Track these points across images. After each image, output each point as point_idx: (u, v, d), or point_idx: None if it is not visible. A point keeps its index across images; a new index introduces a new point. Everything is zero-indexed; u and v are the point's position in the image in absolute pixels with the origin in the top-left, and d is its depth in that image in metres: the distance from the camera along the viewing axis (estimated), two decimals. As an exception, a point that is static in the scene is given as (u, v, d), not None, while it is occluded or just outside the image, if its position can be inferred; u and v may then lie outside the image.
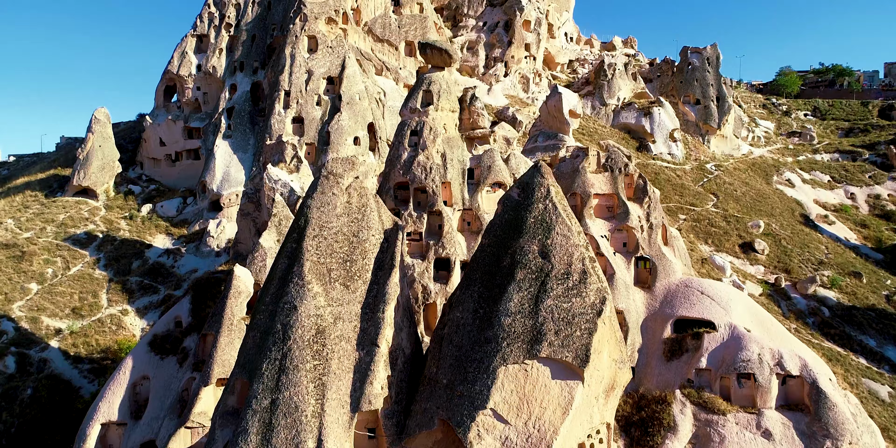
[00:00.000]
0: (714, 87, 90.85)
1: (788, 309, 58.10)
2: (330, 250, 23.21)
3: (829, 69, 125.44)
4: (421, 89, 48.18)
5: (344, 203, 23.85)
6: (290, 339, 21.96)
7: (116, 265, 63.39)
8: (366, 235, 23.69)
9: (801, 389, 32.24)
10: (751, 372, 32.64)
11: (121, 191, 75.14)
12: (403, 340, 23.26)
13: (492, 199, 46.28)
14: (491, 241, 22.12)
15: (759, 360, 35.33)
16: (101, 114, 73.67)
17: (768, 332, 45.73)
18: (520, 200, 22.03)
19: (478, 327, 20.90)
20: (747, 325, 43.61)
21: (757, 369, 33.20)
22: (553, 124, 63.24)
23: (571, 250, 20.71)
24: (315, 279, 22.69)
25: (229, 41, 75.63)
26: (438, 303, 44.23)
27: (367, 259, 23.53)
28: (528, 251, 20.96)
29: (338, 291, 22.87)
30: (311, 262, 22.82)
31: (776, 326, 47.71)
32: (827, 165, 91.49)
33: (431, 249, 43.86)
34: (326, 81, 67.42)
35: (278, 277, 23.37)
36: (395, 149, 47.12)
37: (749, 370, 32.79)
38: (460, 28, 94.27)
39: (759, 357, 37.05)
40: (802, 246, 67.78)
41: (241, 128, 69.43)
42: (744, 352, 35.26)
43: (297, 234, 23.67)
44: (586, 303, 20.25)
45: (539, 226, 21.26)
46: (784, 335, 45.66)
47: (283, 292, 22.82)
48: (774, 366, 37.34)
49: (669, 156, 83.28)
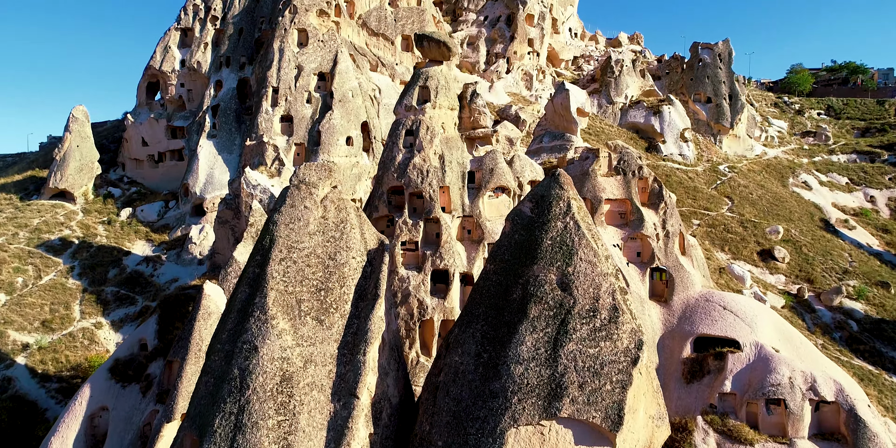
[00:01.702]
0: (726, 85, 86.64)
1: (813, 323, 53.93)
2: (300, 277, 18.99)
3: (842, 67, 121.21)
4: (417, 85, 44.56)
5: (318, 218, 19.63)
6: (249, 388, 17.74)
7: (91, 274, 59.17)
8: (345, 258, 19.47)
9: (836, 417, 29.63)
10: (781, 397, 30.07)
11: (100, 194, 70.82)
12: (389, 388, 19.03)
13: (494, 205, 42.85)
14: (497, 268, 17.86)
15: (790, 385, 32.25)
16: (80, 112, 69.33)
17: (798, 352, 42.25)
18: (533, 217, 17.78)
19: (481, 376, 16.69)
20: (775, 345, 40.61)
21: (788, 394, 30.60)
22: (559, 123, 59.01)
23: (599, 281, 16.51)
24: (281, 313, 18.47)
25: (215, 35, 71.25)
26: (436, 319, 40.79)
27: (347, 287, 19.31)
28: (544, 281, 16.75)
29: (309, 328, 18.64)
30: (276, 292, 18.60)
31: (806, 345, 44.07)
32: (844, 167, 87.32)
33: (428, 260, 40.66)
34: (317, 78, 63.23)
35: (237, 310, 19.15)
36: (388, 150, 43.41)
37: (779, 395, 30.20)
38: (460, 23, 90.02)
39: (790, 381, 35.28)
40: (825, 253, 63.59)
41: (227, 127, 65.14)
42: (773, 375, 32.46)
43: (260, 256, 19.46)
44: (618, 348, 16.06)
45: (558, 249, 17.04)
46: (815, 355, 42.15)
47: (241, 329, 18.60)
48: (807, 391, 34.89)
49: (680, 157, 79.08)
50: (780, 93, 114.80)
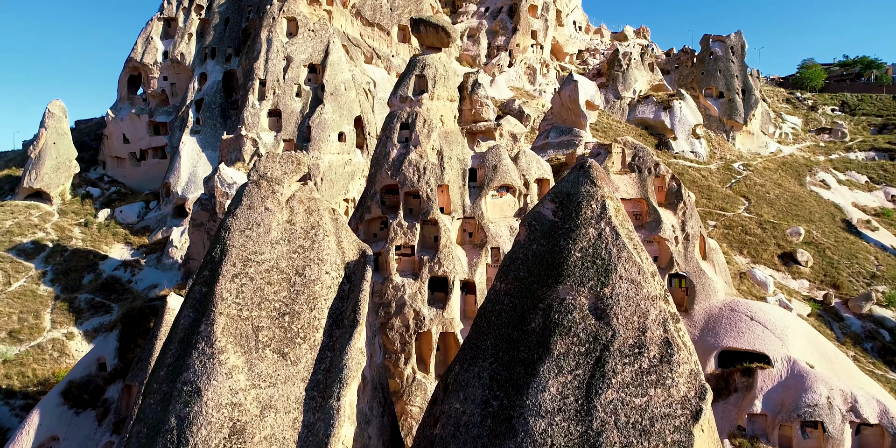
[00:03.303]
0: (739, 79, 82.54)
1: (843, 332, 49.86)
2: (258, 298, 14.93)
3: (855, 61, 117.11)
4: (413, 74, 40.60)
5: (283, 223, 15.57)
6: (188, 443, 13.69)
7: (65, 280, 55.07)
8: (316, 273, 15.42)
9: (879, 441, 27.52)
10: (818, 419, 27.89)
11: (79, 193, 66.71)
12: (372, 439, 14.96)
13: (498, 205, 38.90)
14: (510, 288, 13.75)
15: (829, 405, 29.58)
16: (56, 107, 65.15)
17: (833, 367, 38.45)
18: (557, 222, 13.70)
19: (490, 432, 12.64)
20: (809, 359, 36.86)
21: (826, 416, 28.34)
22: (567, 117, 54.90)
23: (645, 306, 12.48)
24: (233, 344, 14.40)
25: (200, 25, 67.06)
26: (434, 331, 36.91)
27: (318, 311, 15.26)
28: (573, 307, 12.72)
29: (268, 363, 14.58)
30: (226, 318, 14.52)
31: (842, 360, 40.22)
32: (863, 165, 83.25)
33: (426, 267, 36.96)
34: (308, 69, 59.12)
35: (178, 340, 15.07)
36: (382, 145, 39.48)
37: (816, 417, 27.98)
38: (460, 14, 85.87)
39: (829, 401, 31.31)
40: (849, 256, 59.50)
41: (211, 122, 61.02)
42: (809, 394, 29.90)
43: (208, 271, 15.39)
44: (673, 397, 12.05)
45: (590, 265, 12.99)
46: (853, 371, 38.34)
47: (182, 365, 14.53)
48: (847, 412, 31.66)
49: (692, 154, 74.98)
50: (791, 89, 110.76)
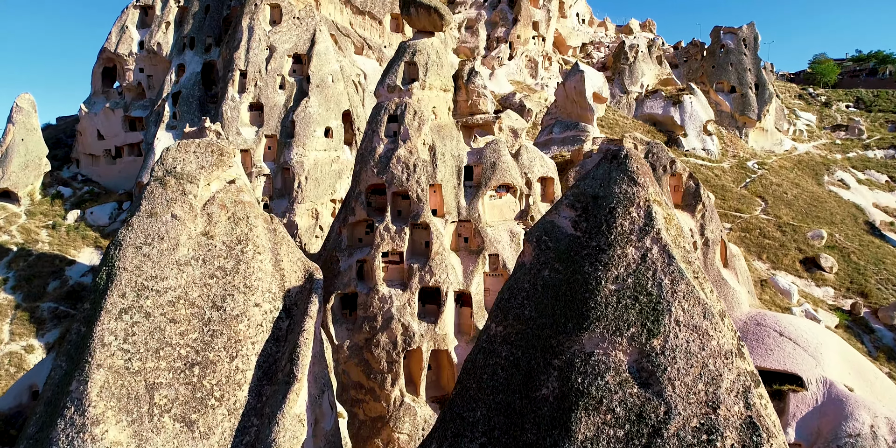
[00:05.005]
0: (752, 73, 78.26)
1: (874, 345, 45.61)
2: (156, 342, 10.59)
3: (869, 56, 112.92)
4: (403, 61, 36.44)
5: (196, 237, 11.20)
6: None
7: (27, 287, 50.79)
8: (240, 306, 11.08)
9: None
10: None
11: (49, 193, 62.42)
12: None
13: (497, 207, 34.75)
14: (510, 333, 9.37)
15: (873, 435, 26.52)
16: (25, 101, 60.85)
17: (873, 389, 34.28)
18: (579, 237, 9.31)
19: None
20: (847, 381, 32.67)
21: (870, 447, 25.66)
22: (573, 111, 50.60)
23: (715, 368, 8.21)
24: (114, 411, 10.04)
25: (178, 13, 62.80)
26: (424, 348, 32.94)
27: (242, 359, 10.93)
28: (606, 366, 8.41)
29: (167, 438, 10.23)
30: (107, 372, 10.17)
31: (882, 380, 36.09)
32: (882, 163, 79.02)
33: (416, 276, 33.11)
34: (292, 60, 54.87)
35: (45, 401, 10.71)
36: (368, 140, 35.39)
37: None
38: (458, 5, 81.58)
39: (872, 430, 27.20)
40: (876, 261, 55.26)
41: (189, 117, 56.70)
42: (850, 422, 27.13)
43: (90, 304, 11.04)
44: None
45: (631, 303, 8.64)
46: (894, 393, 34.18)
47: (44, 440, 10.18)
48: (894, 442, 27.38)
49: (704, 152, 70.73)
50: (803, 84, 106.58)
